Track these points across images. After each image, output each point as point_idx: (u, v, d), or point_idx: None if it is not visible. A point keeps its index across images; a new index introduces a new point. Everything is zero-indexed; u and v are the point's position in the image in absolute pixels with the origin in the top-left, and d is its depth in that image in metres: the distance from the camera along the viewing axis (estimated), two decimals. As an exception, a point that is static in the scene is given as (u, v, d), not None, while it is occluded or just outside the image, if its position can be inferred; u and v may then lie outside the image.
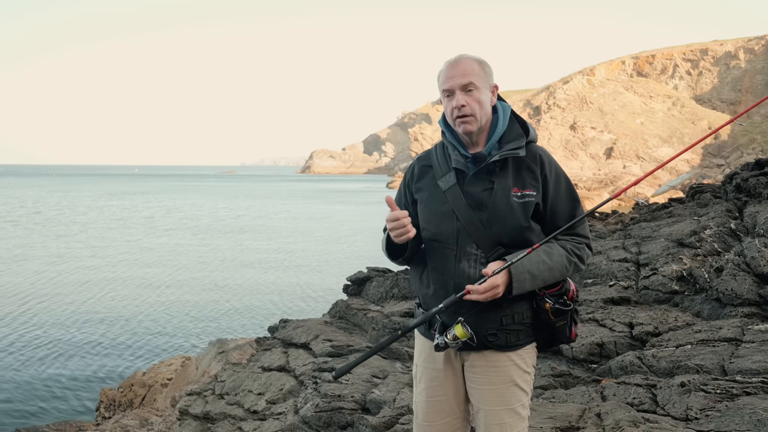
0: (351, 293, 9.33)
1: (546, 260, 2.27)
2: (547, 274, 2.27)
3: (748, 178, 8.12)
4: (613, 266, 7.16)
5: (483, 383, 2.38)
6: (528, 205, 2.30)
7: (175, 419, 7.94)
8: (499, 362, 2.36)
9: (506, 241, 2.30)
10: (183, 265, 29.39)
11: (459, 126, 2.34)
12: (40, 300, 21.50)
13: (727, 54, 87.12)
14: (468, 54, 2.37)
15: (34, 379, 14.17)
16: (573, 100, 79.95)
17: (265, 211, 65.23)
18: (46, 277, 25.60)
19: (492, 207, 2.31)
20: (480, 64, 2.35)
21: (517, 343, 2.36)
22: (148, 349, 16.62)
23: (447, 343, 2.28)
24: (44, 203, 72.39)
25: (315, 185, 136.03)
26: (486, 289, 2.20)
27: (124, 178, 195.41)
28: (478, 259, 2.32)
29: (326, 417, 4.95)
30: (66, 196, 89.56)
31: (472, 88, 2.30)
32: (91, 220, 52.77)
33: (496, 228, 2.31)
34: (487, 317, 2.31)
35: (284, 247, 36.38)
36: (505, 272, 2.22)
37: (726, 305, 5.55)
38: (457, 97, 2.31)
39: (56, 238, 39.39)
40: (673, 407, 3.82)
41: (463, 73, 2.30)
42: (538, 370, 5.14)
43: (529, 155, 2.36)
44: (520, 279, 2.22)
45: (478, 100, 2.31)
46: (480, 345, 2.32)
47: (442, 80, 2.35)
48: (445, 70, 2.35)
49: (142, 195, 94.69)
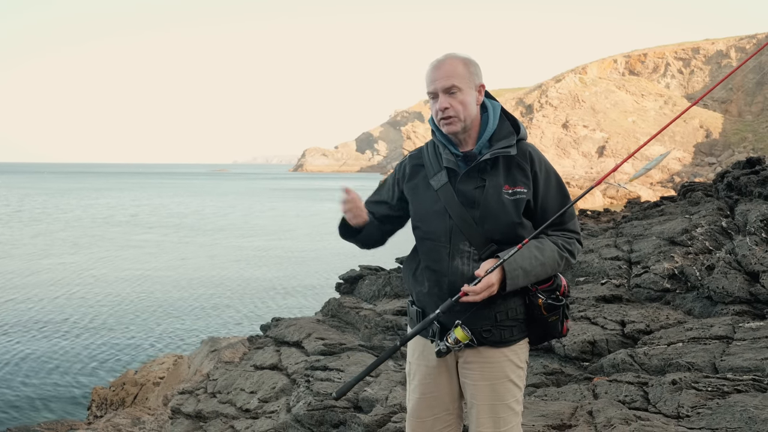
0: (343, 291, 9.32)
1: (538, 256, 2.29)
2: (539, 270, 2.30)
3: (739, 176, 8.16)
4: (605, 264, 7.18)
5: (478, 379, 2.39)
6: (519, 202, 2.32)
7: (167, 418, 7.92)
8: (494, 358, 2.38)
9: (498, 238, 2.33)
10: (175, 264, 29.29)
11: (443, 127, 2.37)
12: (30, 298, 21.38)
13: (718, 53, 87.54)
14: (454, 53, 2.37)
15: (25, 378, 14.09)
16: (565, 99, 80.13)
17: (256, 209, 65.08)
18: (36, 276, 25.47)
19: (484, 204, 2.33)
20: (465, 64, 2.35)
21: (511, 338, 2.38)
22: (140, 347, 16.56)
23: (449, 347, 2.30)
24: (30, 201, 72.06)
25: (307, 183, 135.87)
26: (482, 289, 2.22)
27: (114, 176, 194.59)
28: (471, 256, 2.35)
29: (319, 415, 4.94)
30: (54, 193, 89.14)
31: (455, 90, 2.31)
32: (76, 217, 52.55)
33: (489, 225, 2.33)
34: (481, 314, 2.33)
35: (277, 245, 36.32)
36: (499, 269, 2.24)
37: (717, 303, 5.58)
38: (440, 99, 2.33)
39: (36, 236, 39.18)
40: (665, 405, 3.83)
41: (446, 76, 2.32)
42: (530, 368, 5.15)
43: (519, 153, 2.38)
44: (513, 275, 2.25)
45: (461, 101, 2.32)
46: (476, 341, 2.34)
47: (427, 83, 2.37)
48: (429, 72, 2.36)
49: (130, 192, 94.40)
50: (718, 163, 68.30)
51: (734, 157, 63.57)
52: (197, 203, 72.20)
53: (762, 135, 72.63)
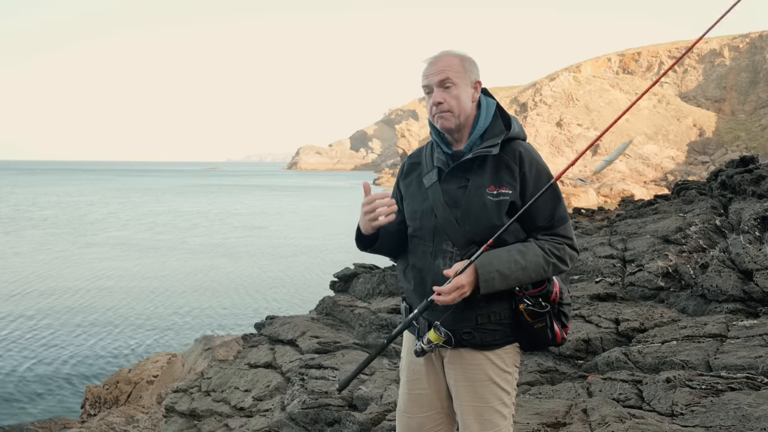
0: (338, 290, 9.32)
1: (519, 260, 2.22)
2: (520, 274, 2.23)
3: (733, 175, 8.18)
4: (599, 262, 7.19)
5: (460, 380, 2.37)
6: (502, 203, 2.27)
7: (161, 416, 7.90)
8: (475, 360, 2.34)
9: (480, 239, 2.26)
10: (168, 262, 29.23)
11: (437, 122, 2.34)
12: (22, 297, 21.30)
13: (712, 52, 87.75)
14: (451, 50, 2.35)
15: (18, 377, 14.05)
16: (559, 97, 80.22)
17: (251, 206, 65.01)
18: (27, 274, 25.37)
19: (465, 205, 2.30)
20: (461, 60, 2.32)
21: (494, 342, 2.33)
22: (133, 345, 16.52)
23: (423, 349, 2.29)
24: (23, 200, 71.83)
25: (302, 181, 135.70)
26: (450, 290, 2.17)
27: (107, 174, 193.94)
28: (453, 256, 2.31)
29: (313, 414, 4.94)
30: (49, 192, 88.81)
31: (450, 84, 2.29)
32: (75, 216, 52.38)
33: (469, 226, 2.29)
34: (462, 316, 2.29)
35: (271, 243, 36.28)
36: (472, 272, 2.19)
37: (711, 301, 5.59)
38: (434, 93, 2.31)
39: (34, 230, 39.08)
40: (659, 403, 3.84)
41: (441, 70, 2.29)
42: (525, 366, 5.16)
43: (509, 153, 2.32)
44: (487, 278, 2.19)
45: (456, 96, 2.30)
46: (456, 343, 2.31)
47: (422, 77, 2.34)
48: (424, 68, 2.34)
49: (129, 192, 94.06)
50: (711, 162, 68.54)
51: (727, 155, 63.80)
52: (194, 201, 72.10)
53: (755, 134, 72.93)
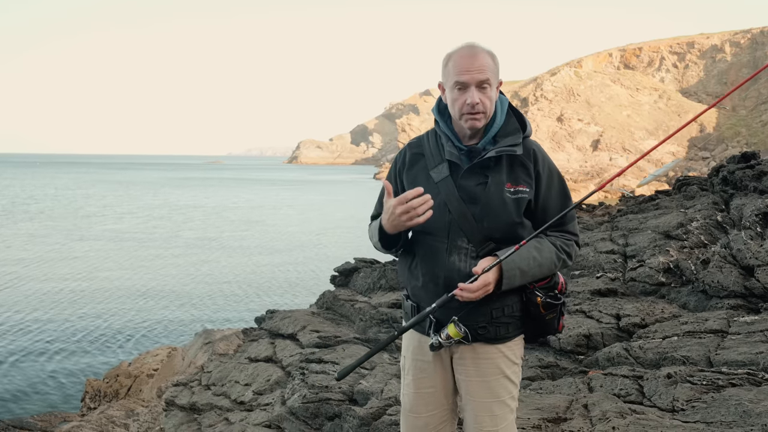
0: (338, 284, 9.31)
1: (536, 256, 2.26)
2: (536, 270, 2.27)
3: (734, 170, 8.16)
4: (600, 258, 7.18)
5: (472, 375, 2.37)
6: (521, 201, 2.29)
7: (161, 410, 7.91)
8: (489, 354, 2.36)
9: (498, 236, 2.29)
10: (169, 256, 29.23)
11: (467, 122, 2.29)
12: (22, 291, 21.31)
13: (713, 47, 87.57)
14: (480, 45, 2.30)
15: (18, 371, 14.06)
16: (560, 92, 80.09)
17: (251, 200, 64.99)
18: (28, 267, 25.37)
19: (485, 202, 2.29)
20: (493, 59, 2.29)
21: (507, 335, 2.36)
22: (134, 339, 16.54)
23: (441, 343, 2.28)
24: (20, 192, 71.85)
25: (302, 175, 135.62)
26: (478, 287, 2.18)
27: (109, 167, 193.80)
28: (469, 253, 2.30)
29: (314, 408, 4.94)
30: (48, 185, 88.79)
31: (487, 85, 2.26)
32: (75, 209, 52.38)
33: (488, 223, 2.29)
34: (477, 311, 2.30)
35: (271, 237, 36.28)
36: (496, 268, 2.21)
37: (712, 297, 5.59)
38: (472, 93, 2.24)
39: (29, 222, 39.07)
40: (660, 398, 3.83)
41: (481, 69, 2.24)
42: (526, 361, 5.15)
43: (524, 151, 2.34)
44: (510, 275, 2.22)
45: (490, 97, 2.28)
46: (471, 338, 2.32)
47: (458, 71, 2.26)
48: (460, 61, 2.26)
49: (128, 185, 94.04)
50: (711, 158, 68.48)
51: (728, 151, 63.73)
52: (194, 195, 72.10)
53: (755, 130, 72.83)
